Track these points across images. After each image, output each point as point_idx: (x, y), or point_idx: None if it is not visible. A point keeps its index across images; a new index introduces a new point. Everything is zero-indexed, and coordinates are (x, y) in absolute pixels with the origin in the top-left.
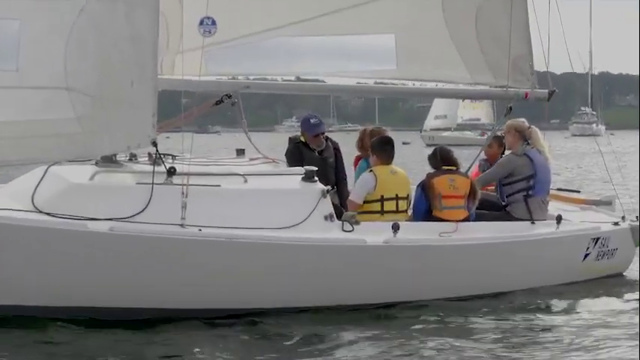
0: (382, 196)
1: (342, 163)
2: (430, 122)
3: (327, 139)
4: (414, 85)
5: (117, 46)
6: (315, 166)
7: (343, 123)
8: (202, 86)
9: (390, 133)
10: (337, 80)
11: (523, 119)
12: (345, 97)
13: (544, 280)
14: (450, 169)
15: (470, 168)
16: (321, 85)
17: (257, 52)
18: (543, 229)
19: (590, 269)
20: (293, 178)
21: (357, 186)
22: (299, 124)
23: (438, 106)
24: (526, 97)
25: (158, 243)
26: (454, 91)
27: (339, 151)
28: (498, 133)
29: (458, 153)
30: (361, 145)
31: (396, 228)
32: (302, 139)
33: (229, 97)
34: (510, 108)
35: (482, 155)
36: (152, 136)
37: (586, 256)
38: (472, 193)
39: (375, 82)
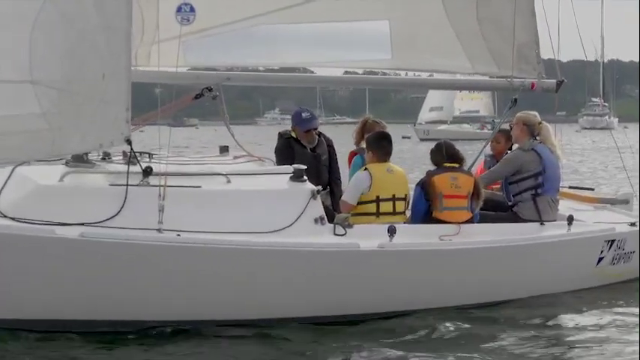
0: (378, 197)
1: (336, 162)
2: (425, 115)
3: (319, 134)
4: (409, 75)
5: (86, 35)
6: (308, 164)
7: (330, 115)
8: (180, 78)
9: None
10: (327, 71)
11: (535, 113)
12: (333, 88)
13: (554, 287)
14: (453, 166)
15: (473, 165)
16: (310, 77)
17: (240, 42)
18: (553, 230)
19: (604, 274)
20: (280, 178)
21: (351, 185)
22: (283, 116)
23: (433, 97)
24: (532, 87)
25: (133, 249)
26: (454, 82)
27: (333, 149)
28: (505, 126)
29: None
30: (360, 137)
31: (392, 231)
32: (293, 134)
33: (210, 90)
34: (515, 100)
35: (487, 151)
36: (126, 133)
37: (600, 259)
38: (476, 193)
39: (365, 72)
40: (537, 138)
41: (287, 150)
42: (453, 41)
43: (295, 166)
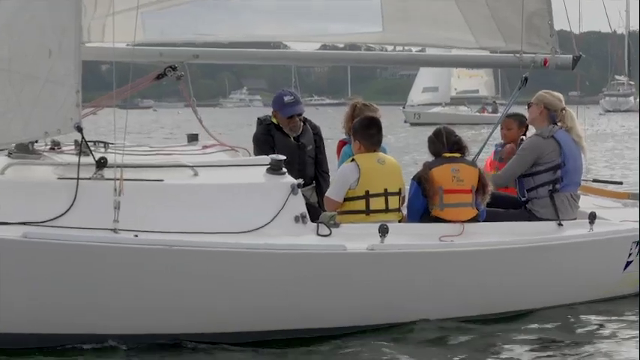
0: (367, 192)
1: (324, 153)
2: (417, 96)
3: (305, 121)
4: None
5: (28, 7)
6: (291, 155)
7: (308, 96)
8: (140, 56)
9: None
10: (306, 46)
11: (560, 96)
12: (317, 66)
13: (574, 296)
14: (454, 157)
15: (478, 155)
16: (293, 53)
17: (207, 14)
18: (572, 230)
19: (633, 281)
20: (256, 170)
21: (336, 179)
22: (251, 97)
23: (426, 75)
24: (545, 64)
25: (84, 252)
26: (455, 58)
27: (320, 137)
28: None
29: None
30: (350, 125)
31: (384, 231)
32: (274, 120)
33: (174, 69)
34: (526, 79)
35: (495, 139)
36: (76, 119)
37: (627, 264)
38: (481, 187)
39: (347, 47)
40: (558, 124)
41: (266, 138)
42: (453, 11)
43: (273, 156)
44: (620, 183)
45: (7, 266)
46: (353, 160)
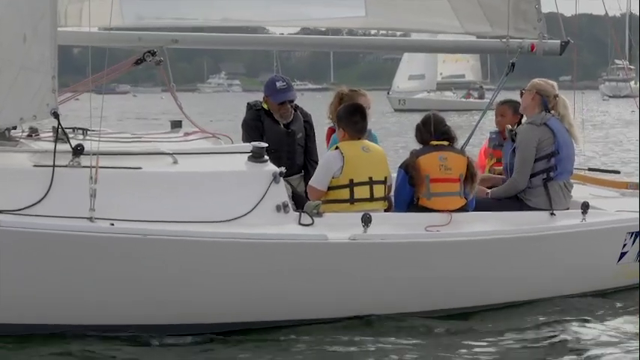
0: (351, 180)
1: (314, 142)
2: (403, 83)
3: (296, 108)
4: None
5: None
6: (280, 142)
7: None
8: (119, 40)
9: None
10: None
11: (553, 83)
12: (298, 50)
13: (565, 287)
14: (441, 145)
15: (466, 143)
16: (271, 38)
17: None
18: (564, 220)
19: (628, 273)
20: (237, 158)
21: (319, 168)
22: (230, 81)
23: (411, 62)
24: (532, 49)
25: (58, 241)
26: (441, 43)
27: (311, 125)
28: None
29: None
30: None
31: (366, 220)
32: (264, 106)
33: (153, 54)
34: (513, 65)
35: (485, 126)
36: (52, 104)
37: (622, 255)
38: (470, 176)
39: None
40: (552, 112)
41: (256, 124)
42: None
43: (255, 143)
44: (618, 172)
45: None
46: (337, 148)
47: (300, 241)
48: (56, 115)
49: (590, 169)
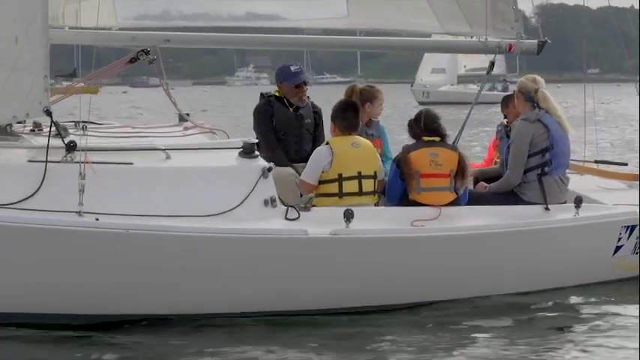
0: (340, 175)
1: (322, 131)
2: (426, 77)
3: (307, 98)
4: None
5: None
6: (288, 125)
7: (319, 73)
8: (112, 39)
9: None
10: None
11: (535, 77)
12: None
13: (560, 280)
14: (432, 141)
15: (458, 138)
16: (258, 38)
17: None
18: (557, 214)
19: (625, 266)
20: (229, 153)
21: (310, 162)
22: (257, 74)
23: (434, 55)
24: (510, 49)
25: (43, 235)
26: (420, 43)
27: (320, 116)
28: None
29: (458, 114)
30: None
31: (349, 215)
32: (276, 93)
33: (147, 53)
34: (492, 64)
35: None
36: (45, 102)
37: (617, 248)
38: (460, 171)
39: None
40: (541, 107)
41: (266, 108)
42: None
43: (245, 139)
44: (625, 164)
45: None
46: (327, 143)
47: (278, 236)
48: (49, 113)
49: (597, 161)
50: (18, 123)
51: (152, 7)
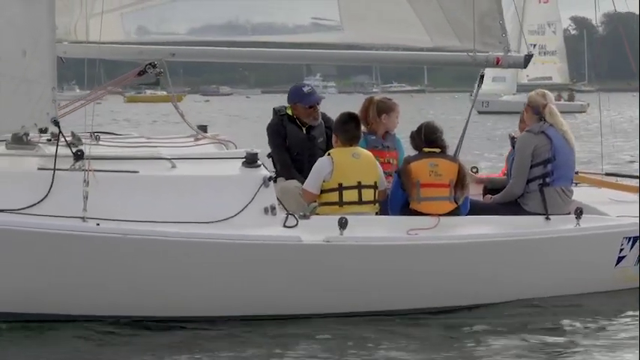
0: (340, 185)
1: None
2: (486, 86)
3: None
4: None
5: (4, 11)
6: (301, 146)
7: (387, 82)
8: (121, 53)
9: (439, 96)
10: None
11: (544, 92)
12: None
13: (561, 290)
14: (433, 152)
15: (458, 150)
16: (263, 52)
17: (186, 15)
18: (556, 225)
19: (627, 277)
20: (231, 163)
21: (312, 172)
22: (325, 83)
23: None
24: (497, 63)
25: (47, 240)
26: (410, 56)
27: (332, 131)
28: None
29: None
30: (365, 119)
31: (343, 224)
32: (289, 111)
33: (154, 66)
34: (481, 76)
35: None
36: (52, 113)
37: (620, 259)
38: (460, 181)
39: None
40: (547, 121)
41: (279, 129)
42: (406, 11)
43: (248, 150)
44: (636, 177)
45: None
46: (329, 154)
47: (272, 243)
48: (57, 123)
49: (607, 174)
50: (41, 133)
51: (159, 23)
